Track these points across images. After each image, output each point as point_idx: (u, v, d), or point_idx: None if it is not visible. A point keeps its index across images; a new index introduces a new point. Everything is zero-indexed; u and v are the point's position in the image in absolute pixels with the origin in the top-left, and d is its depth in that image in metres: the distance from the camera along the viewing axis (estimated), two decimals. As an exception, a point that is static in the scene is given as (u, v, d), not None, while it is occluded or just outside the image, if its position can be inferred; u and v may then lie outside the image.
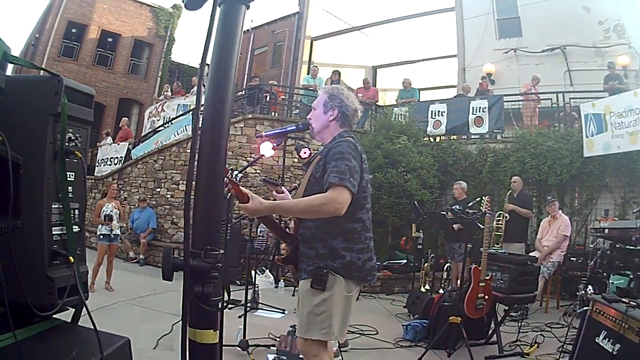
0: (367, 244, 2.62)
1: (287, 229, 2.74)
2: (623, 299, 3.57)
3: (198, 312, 1.37)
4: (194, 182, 1.39)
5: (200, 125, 1.39)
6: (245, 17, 1.41)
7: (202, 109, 1.40)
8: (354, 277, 2.54)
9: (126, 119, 16.31)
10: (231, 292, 3.99)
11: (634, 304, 3.42)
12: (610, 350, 3.19)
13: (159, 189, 11.43)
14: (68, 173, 1.97)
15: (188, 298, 1.34)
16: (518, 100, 10.97)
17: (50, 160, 1.87)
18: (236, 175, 2.14)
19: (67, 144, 1.94)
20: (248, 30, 21.12)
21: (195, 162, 1.36)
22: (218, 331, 1.41)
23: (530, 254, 6.97)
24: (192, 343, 1.40)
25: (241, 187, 2.23)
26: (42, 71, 2.02)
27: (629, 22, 12.46)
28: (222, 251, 1.37)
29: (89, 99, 2.14)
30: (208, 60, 1.38)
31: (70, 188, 1.99)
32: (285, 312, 6.32)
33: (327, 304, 2.47)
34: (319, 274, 2.47)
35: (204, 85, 1.44)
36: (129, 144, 13.98)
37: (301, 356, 4.33)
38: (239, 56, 1.56)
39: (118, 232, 7.43)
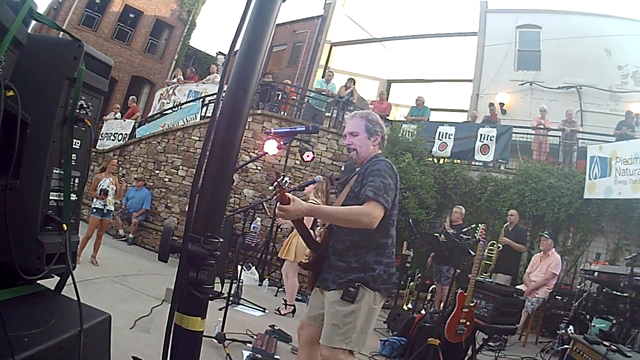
0: (393, 258, 2.77)
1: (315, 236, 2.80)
2: (604, 342, 3.58)
3: (188, 298, 1.35)
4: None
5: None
6: (280, 11, 1.39)
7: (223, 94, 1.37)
8: (381, 288, 2.65)
9: (134, 97, 16.29)
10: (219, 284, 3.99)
11: (614, 348, 3.43)
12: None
13: (157, 171, 11.40)
14: (74, 140, 1.95)
15: (181, 282, 1.32)
16: (527, 133, 10.95)
17: (58, 124, 1.85)
18: (285, 182, 2.21)
19: (78, 110, 1.92)
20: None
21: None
22: (205, 320, 1.39)
23: (517, 287, 6.94)
24: (178, 328, 1.38)
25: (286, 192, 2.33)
26: (63, 34, 2.00)
27: (648, 70, 12.49)
28: (221, 240, 1.35)
29: (107, 70, 2.13)
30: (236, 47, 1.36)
31: (74, 156, 1.97)
32: (266, 311, 6.29)
33: (355, 316, 2.58)
34: (351, 286, 2.58)
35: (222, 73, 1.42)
36: (135, 122, 13.95)
37: (277, 357, 4.34)
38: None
39: (112, 208, 7.39)
